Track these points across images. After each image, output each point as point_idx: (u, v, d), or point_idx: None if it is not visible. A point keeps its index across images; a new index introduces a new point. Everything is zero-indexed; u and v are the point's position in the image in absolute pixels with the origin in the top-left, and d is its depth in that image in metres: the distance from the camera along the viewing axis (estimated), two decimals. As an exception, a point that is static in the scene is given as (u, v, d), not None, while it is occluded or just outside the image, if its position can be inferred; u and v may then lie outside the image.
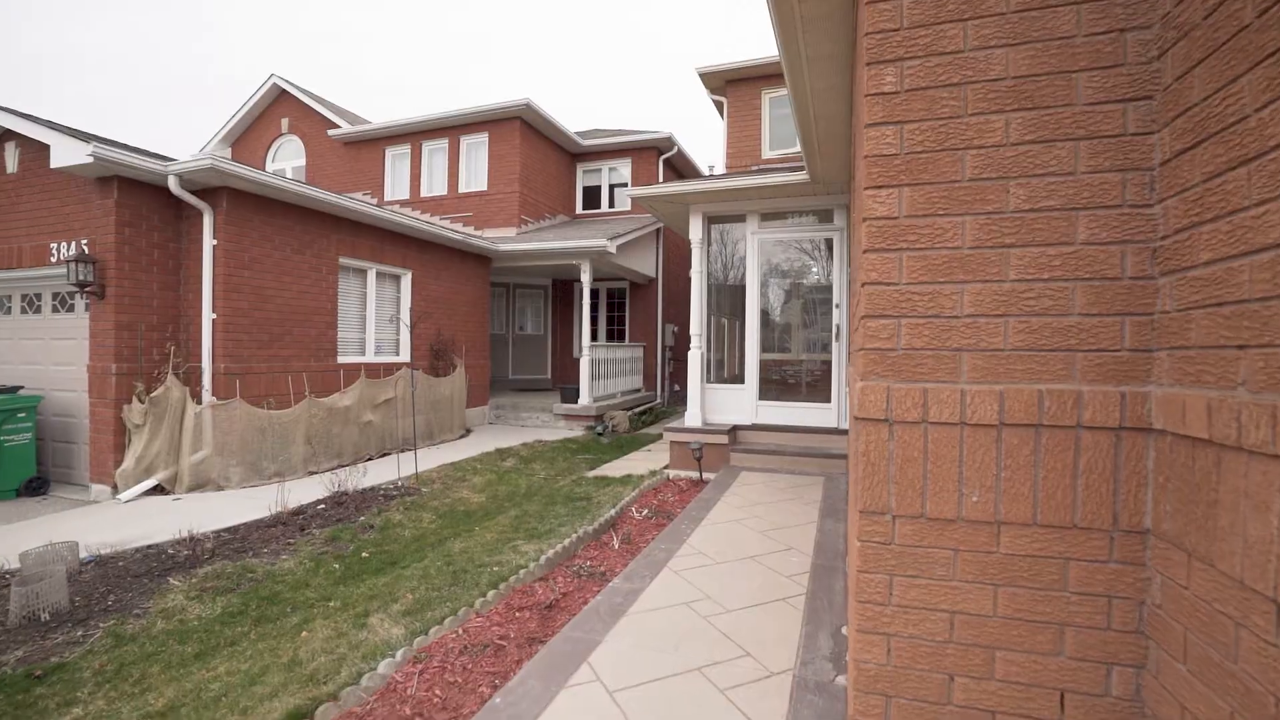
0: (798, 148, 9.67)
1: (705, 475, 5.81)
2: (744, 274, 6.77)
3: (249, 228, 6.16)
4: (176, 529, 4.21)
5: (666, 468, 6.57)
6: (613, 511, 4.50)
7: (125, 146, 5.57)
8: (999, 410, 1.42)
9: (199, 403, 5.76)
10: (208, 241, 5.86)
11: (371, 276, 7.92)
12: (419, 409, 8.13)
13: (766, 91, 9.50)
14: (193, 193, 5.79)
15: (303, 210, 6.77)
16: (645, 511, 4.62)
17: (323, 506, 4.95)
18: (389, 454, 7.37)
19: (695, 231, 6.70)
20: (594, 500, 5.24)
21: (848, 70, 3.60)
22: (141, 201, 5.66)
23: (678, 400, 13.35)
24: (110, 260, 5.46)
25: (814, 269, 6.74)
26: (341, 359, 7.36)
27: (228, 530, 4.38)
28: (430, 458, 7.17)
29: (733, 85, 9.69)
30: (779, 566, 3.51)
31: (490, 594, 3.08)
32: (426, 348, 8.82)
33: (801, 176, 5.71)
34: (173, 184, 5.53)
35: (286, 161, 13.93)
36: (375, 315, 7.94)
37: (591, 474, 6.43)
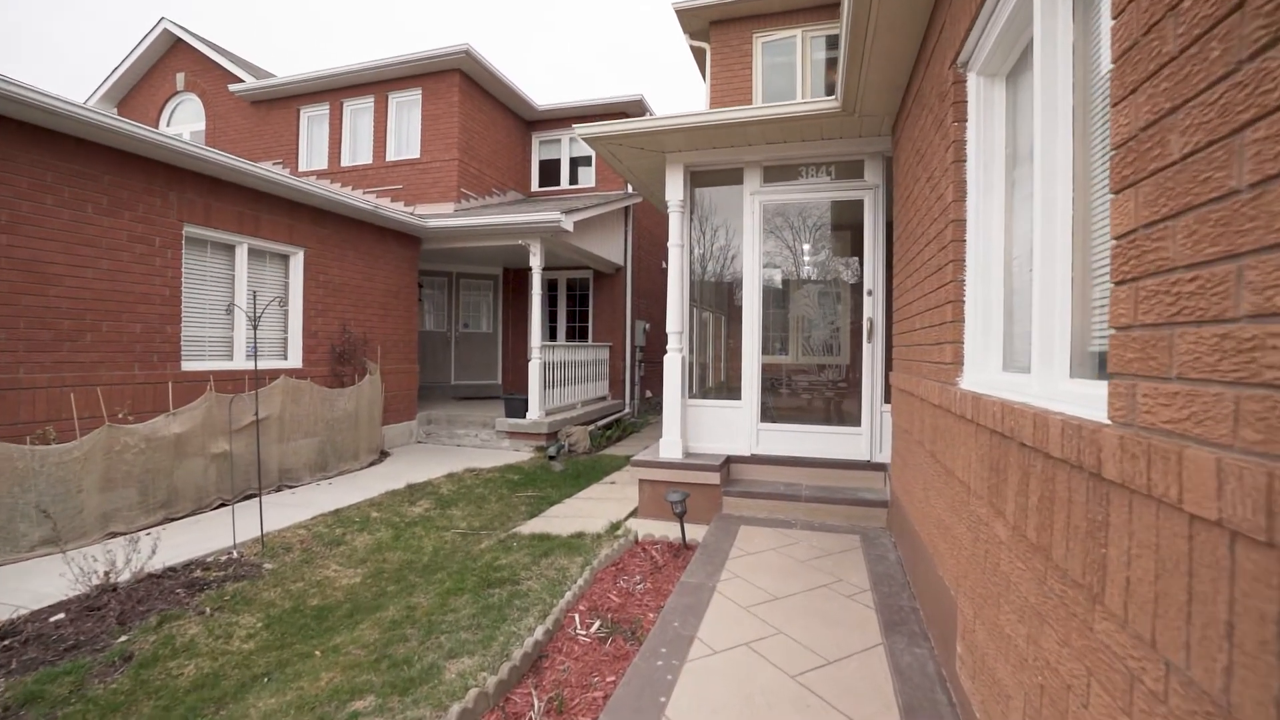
0: (796, 101, 7.94)
1: (690, 537, 4.01)
2: (739, 251, 4.99)
3: (9, 170, 4.13)
4: None
5: (633, 516, 4.76)
6: (541, 630, 2.66)
7: None
8: None
9: (-91, 436, 3.72)
10: (-71, 187, 3.82)
11: (241, 254, 5.90)
12: (309, 431, 6.14)
13: (759, 35, 7.75)
14: (-97, 111, 3.76)
15: (116, 154, 4.73)
16: (597, 624, 2.80)
17: (60, 616, 2.98)
18: (258, 495, 5.35)
19: (674, 191, 4.89)
20: (521, 587, 3.39)
21: None
22: None
23: (650, 409, 11.55)
24: None
25: (835, 244, 5.01)
26: (190, 365, 5.34)
27: None
28: (309, 502, 5.20)
29: (718, 27, 7.92)
30: (854, 800, 1.73)
31: None
32: (326, 349, 6.82)
33: (829, 104, 3.96)
34: None
35: (184, 125, 11.65)
36: (247, 306, 5.92)
37: (529, 528, 4.56)
